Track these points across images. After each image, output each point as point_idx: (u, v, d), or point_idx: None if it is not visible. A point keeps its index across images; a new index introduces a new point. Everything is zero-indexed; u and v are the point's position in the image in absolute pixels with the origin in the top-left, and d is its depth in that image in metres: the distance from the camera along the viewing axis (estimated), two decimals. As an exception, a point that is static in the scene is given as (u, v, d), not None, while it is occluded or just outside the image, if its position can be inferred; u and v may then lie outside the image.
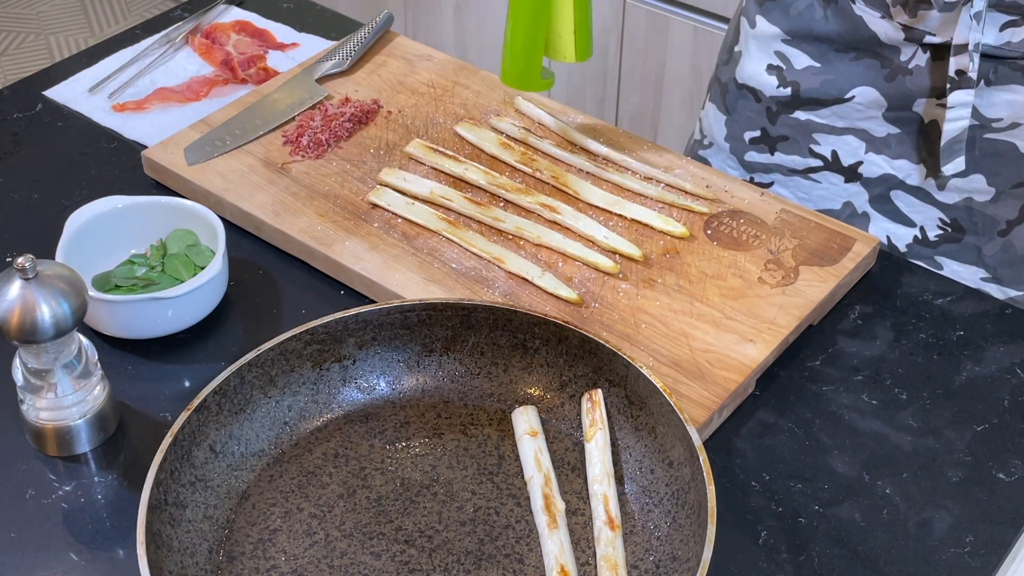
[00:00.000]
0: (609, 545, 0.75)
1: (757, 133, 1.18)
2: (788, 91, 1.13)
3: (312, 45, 1.30)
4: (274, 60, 1.27)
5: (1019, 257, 1.09)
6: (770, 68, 1.13)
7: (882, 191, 1.13)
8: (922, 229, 1.12)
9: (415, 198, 1.03)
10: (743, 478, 0.85)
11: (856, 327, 0.97)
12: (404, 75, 1.20)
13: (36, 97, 1.22)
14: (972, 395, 0.91)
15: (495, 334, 0.86)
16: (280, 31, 1.32)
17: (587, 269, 0.97)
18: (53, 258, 0.92)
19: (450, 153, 1.08)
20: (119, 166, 1.13)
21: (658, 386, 0.79)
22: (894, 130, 1.09)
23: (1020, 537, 0.82)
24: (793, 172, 1.17)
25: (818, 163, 1.15)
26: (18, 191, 1.10)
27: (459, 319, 0.86)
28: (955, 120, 1.02)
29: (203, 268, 0.95)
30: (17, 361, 0.84)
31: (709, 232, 1.01)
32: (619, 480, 0.81)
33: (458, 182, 1.06)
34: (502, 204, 1.03)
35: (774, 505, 0.83)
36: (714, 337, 0.91)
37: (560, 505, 0.78)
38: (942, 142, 1.03)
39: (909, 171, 1.10)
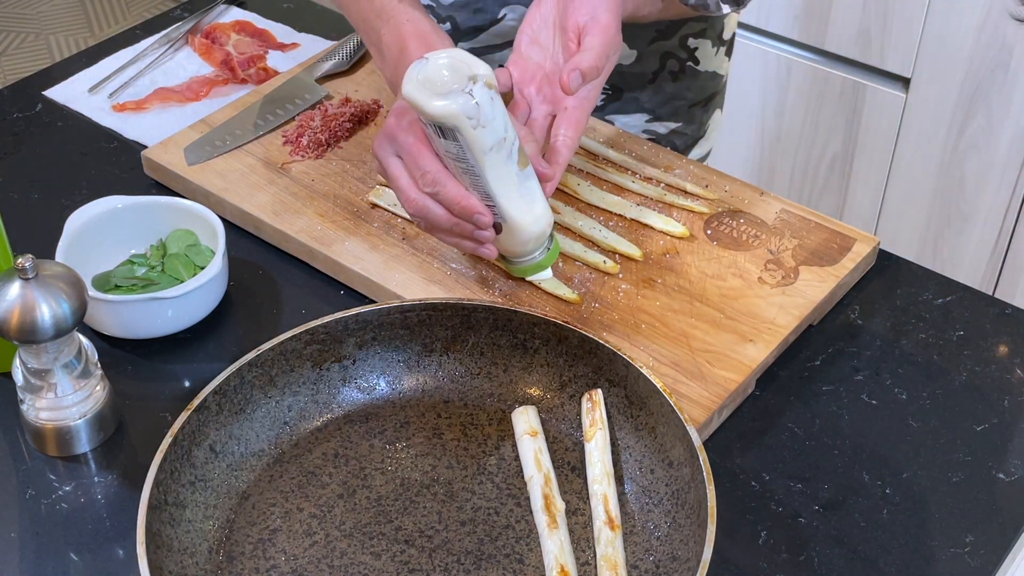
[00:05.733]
0: (609, 545, 0.75)
1: None
2: (448, 26, 1.22)
3: (312, 45, 1.30)
4: (274, 60, 1.27)
5: (668, 96, 1.26)
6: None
7: None
8: None
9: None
10: (743, 478, 0.85)
11: (856, 327, 0.97)
12: (404, 75, 1.20)
13: (36, 97, 1.22)
14: (972, 395, 0.91)
15: (495, 334, 0.86)
16: (280, 31, 1.32)
17: (587, 269, 0.97)
18: (53, 258, 0.92)
19: (450, 153, 1.08)
20: (119, 166, 1.13)
21: (658, 386, 0.79)
22: None
23: (1020, 537, 0.82)
24: None
25: None
26: (18, 191, 1.10)
27: (459, 319, 0.86)
28: None
29: (203, 268, 0.95)
30: (17, 361, 0.84)
31: (709, 232, 1.01)
32: (619, 480, 0.81)
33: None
34: (502, 204, 1.03)
35: (774, 505, 0.83)
36: (714, 337, 0.91)
37: (560, 505, 0.78)
38: None
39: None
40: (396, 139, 0.88)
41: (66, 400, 0.84)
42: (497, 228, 0.88)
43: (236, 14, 1.35)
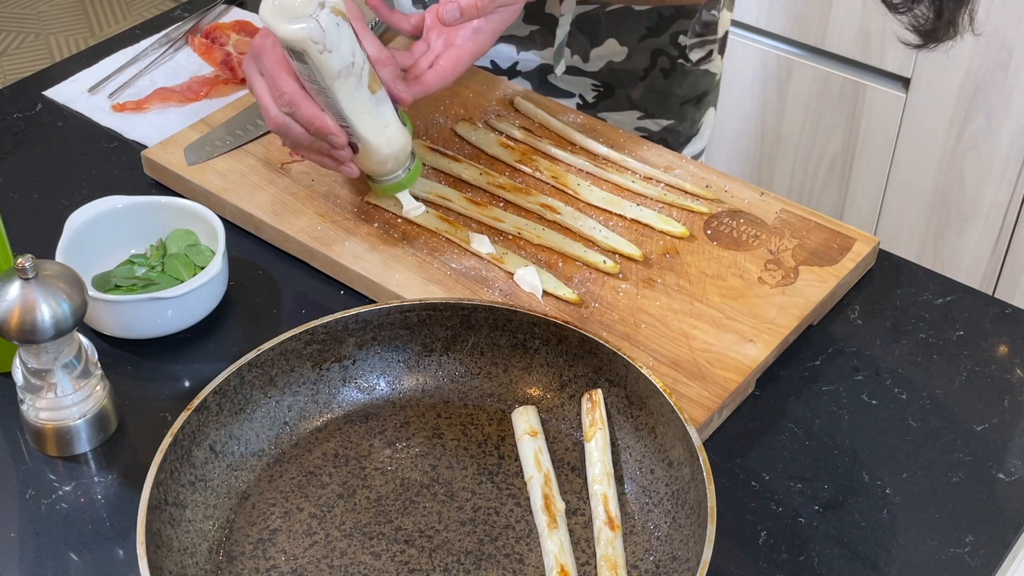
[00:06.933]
0: (609, 545, 0.75)
1: None
2: None
3: (312, 45, 1.30)
4: (274, 60, 1.27)
5: (659, 93, 1.27)
6: (416, 2, 1.27)
7: (542, 78, 1.27)
8: (581, 96, 1.27)
9: (415, 198, 1.03)
10: (743, 478, 0.85)
11: (856, 327, 0.97)
12: (404, 75, 1.20)
13: (36, 97, 1.22)
14: (972, 395, 0.91)
15: (495, 334, 0.86)
16: (280, 31, 1.32)
17: (587, 269, 0.97)
18: (53, 258, 0.92)
19: (450, 153, 1.08)
20: (119, 166, 1.13)
21: (658, 386, 0.79)
22: (534, 27, 1.23)
23: (1020, 537, 0.82)
24: None
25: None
26: (18, 191, 1.10)
27: (459, 319, 0.86)
28: (562, 27, 1.19)
29: (203, 268, 0.95)
30: (17, 361, 0.84)
31: (709, 232, 1.01)
32: (619, 480, 0.81)
33: (458, 182, 1.06)
34: (502, 204, 1.03)
35: (774, 505, 0.83)
36: (714, 337, 0.91)
37: (560, 505, 0.78)
38: (554, 48, 1.21)
39: (555, 57, 1.24)
40: (260, 58, 0.93)
41: (66, 400, 0.84)
42: (354, 148, 0.94)
43: (236, 14, 1.35)
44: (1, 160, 1.14)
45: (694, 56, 1.03)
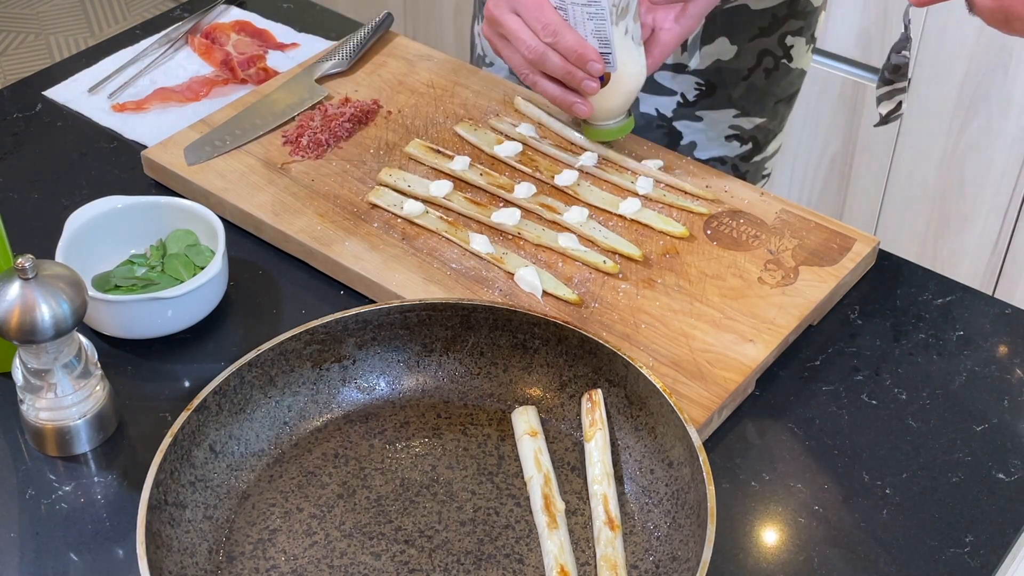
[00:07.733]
0: (609, 545, 0.75)
1: None
2: None
3: (312, 45, 1.30)
4: (274, 60, 1.27)
5: (759, 91, 1.28)
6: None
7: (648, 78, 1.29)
8: (682, 95, 1.27)
9: (415, 198, 1.03)
10: (743, 478, 0.85)
11: (856, 327, 0.97)
12: (404, 75, 1.20)
13: (36, 97, 1.22)
14: (972, 395, 0.91)
15: (495, 334, 0.86)
16: (280, 31, 1.32)
17: (587, 269, 0.97)
18: (53, 258, 0.92)
19: (450, 153, 1.08)
20: (119, 166, 1.13)
21: (658, 386, 0.79)
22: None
23: (1020, 537, 0.82)
24: None
25: None
26: (18, 191, 1.10)
27: (459, 319, 0.86)
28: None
29: (203, 268, 0.95)
30: (17, 361, 0.84)
31: (709, 232, 1.01)
32: (619, 480, 0.81)
33: (458, 182, 1.06)
34: (502, 204, 1.03)
35: (774, 505, 0.83)
36: (714, 337, 0.91)
37: (560, 505, 0.78)
38: (688, 42, 1.22)
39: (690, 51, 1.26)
40: None
41: (66, 400, 0.84)
42: (603, 81, 0.99)
43: (236, 14, 1.35)
44: (1, 160, 1.14)
45: (883, 109, 1.04)
